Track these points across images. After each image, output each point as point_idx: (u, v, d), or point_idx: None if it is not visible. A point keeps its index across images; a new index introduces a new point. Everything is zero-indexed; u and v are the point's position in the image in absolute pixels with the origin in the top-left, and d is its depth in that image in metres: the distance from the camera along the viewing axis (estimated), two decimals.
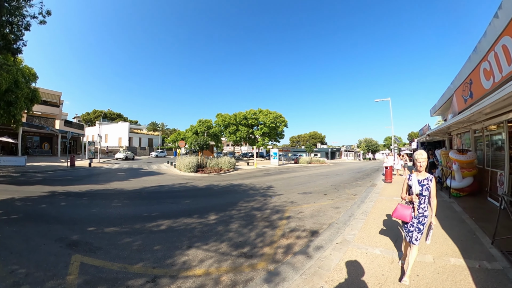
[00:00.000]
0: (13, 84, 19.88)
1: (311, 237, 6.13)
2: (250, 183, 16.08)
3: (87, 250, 5.41)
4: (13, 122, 22.07)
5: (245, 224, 7.18)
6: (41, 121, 37.13)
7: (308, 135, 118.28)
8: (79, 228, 6.99)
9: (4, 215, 8.25)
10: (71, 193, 12.30)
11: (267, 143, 51.96)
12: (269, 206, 9.44)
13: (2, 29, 9.82)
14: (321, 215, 8.19)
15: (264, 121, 49.88)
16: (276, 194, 12.04)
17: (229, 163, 27.05)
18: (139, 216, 8.22)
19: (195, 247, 5.56)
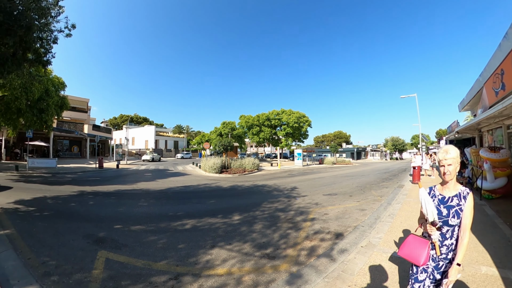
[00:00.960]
0: (44, 93, 21.92)
1: (336, 239, 5.97)
2: (274, 184, 15.97)
3: (113, 247, 5.62)
4: (45, 128, 23.74)
5: (268, 225, 7.12)
6: (70, 126, 40.25)
7: (333, 135, 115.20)
8: (106, 225, 7.27)
9: (37, 211, 8.89)
10: (99, 192, 12.81)
11: (291, 143, 51.07)
12: (293, 208, 9.29)
13: (34, 44, 10.47)
14: (346, 217, 7.97)
15: (287, 121, 49.03)
16: (301, 195, 11.84)
17: (253, 164, 27.04)
18: (165, 215, 8.39)
19: (219, 246, 5.57)
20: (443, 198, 2.45)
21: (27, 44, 9.83)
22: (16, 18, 8.62)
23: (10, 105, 20.61)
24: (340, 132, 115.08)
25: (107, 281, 4.18)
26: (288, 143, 50.36)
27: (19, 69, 11.14)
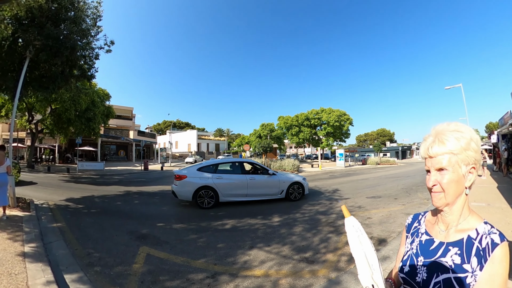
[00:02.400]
0: (91, 104, 25.35)
1: (378, 245, 5.67)
2: (315, 186, 15.58)
3: (154, 243, 5.87)
4: (92, 134, 26.71)
5: (309, 228, 6.94)
6: (117, 132, 44.34)
7: (376, 133, 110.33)
8: (149, 223, 7.61)
9: (85, 209, 9.63)
10: (144, 192, 13.39)
11: (332, 143, 49.56)
12: (335, 211, 8.94)
13: (78, 62, 11.67)
14: (391, 221, 7.51)
15: (327, 120, 47.68)
16: (343, 197, 11.48)
17: (293, 165, 26.53)
18: (206, 215, 8.57)
19: (257, 247, 5.53)
20: (428, 243, 1.21)
21: (72, 62, 11.00)
22: (62, 41, 9.68)
23: (61, 116, 23.47)
24: (383, 129, 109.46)
25: (146, 275, 4.36)
26: (329, 143, 48.90)
27: (68, 84, 12.44)
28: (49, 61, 10.51)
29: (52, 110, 25.25)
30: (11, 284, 3.82)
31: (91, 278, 4.29)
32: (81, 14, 10.69)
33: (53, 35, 9.51)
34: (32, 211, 8.38)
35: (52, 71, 10.98)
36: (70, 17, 10.29)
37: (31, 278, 4.02)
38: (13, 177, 8.67)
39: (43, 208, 9.38)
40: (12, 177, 8.30)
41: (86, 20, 11.10)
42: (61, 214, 8.56)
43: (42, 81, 11.42)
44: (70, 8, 10.38)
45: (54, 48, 9.76)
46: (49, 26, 9.51)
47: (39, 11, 9.49)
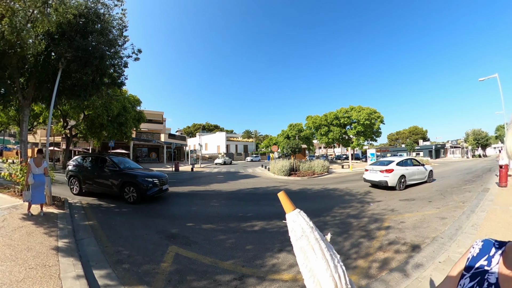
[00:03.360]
0: (122, 109, 26.87)
1: (411, 252, 5.38)
2: (346, 188, 15.12)
3: (183, 243, 5.93)
4: (124, 138, 27.97)
5: (339, 232, 6.70)
6: (148, 135, 46.45)
7: (408, 131, 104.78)
8: (179, 223, 7.76)
9: (117, 208, 9.93)
10: (175, 193, 13.65)
11: (363, 143, 47.43)
12: (367, 214, 8.61)
13: (108, 70, 12.27)
14: (425, 226, 7.13)
15: (357, 119, 45.62)
16: (375, 200, 10.97)
17: (322, 166, 25.86)
18: (235, 215, 8.59)
19: (286, 251, 5.38)
20: None
21: (102, 71, 11.63)
22: (91, 52, 10.24)
23: (94, 121, 25.28)
24: (416, 127, 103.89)
25: (173, 274, 4.40)
26: (360, 143, 46.90)
27: (99, 92, 13.17)
28: (80, 71, 11.12)
29: (85, 116, 26.68)
30: (45, 275, 4.13)
31: (119, 275, 4.40)
32: (107, 26, 11.24)
33: (82, 46, 10.08)
34: (66, 209, 8.88)
35: (83, 80, 11.67)
36: (97, 29, 10.86)
37: (63, 271, 4.29)
38: (49, 178, 9.20)
39: (76, 206, 9.84)
40: (48, 178, 8.87)
41: (113, 31, 11.63)
42: (93, 213, 8.91)
43: (74, 90, 12.10)
44: (97, 20, 10.95)
45: (84, 59, 10.32)
46: (78, 38, 10.13)
47: (68, 26, 10.11)
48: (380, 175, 14.13)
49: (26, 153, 11.47)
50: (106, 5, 11.19)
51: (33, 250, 5.10)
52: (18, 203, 9.20)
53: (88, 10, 10.70)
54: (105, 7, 11.23)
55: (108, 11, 11.38)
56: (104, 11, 11.26)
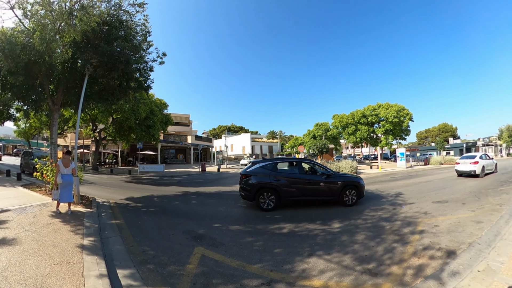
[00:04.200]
0: (150, 113, 27.99)
1: (447, 258, 5.06)
2: (376, 189, 14.56)
3: (210, 244, 5.85)
4: (152, 140, 28.95)
5: (372, 236, 6.41)
6: (175, 137, 47.80)
7: (437, 129, 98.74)
8: (206, 223, 7.71)
9: (144, 207, 10.07)
10: (202, 193, 13.67)
11: (391, 142, 45.47)
12: (399, 217, 8.23)
13: (134, 75, 12.59)
14: (459, 230, 6.69)
15: (385, 117, 43.72)
16: (407, 202, 10.45)
17: (351, 166, 24.68)
18: (263, 217, 8.43)
19: (317, 255, 5.20)
20: None
21: (128, 75, 11.89)
22: (116, 57, 10.50)
23: (122, 125, 26.35)
24: (445, 124, 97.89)
25: (199, 277, 4.29)
26: (388, 142, 44.95)
27: (126, 96, 13.58)
28: (107, 76, 11.41)
29: (114, 120, 27.78)
30: (68, 272, 4.20)
31: (143, 275, 4.37)
32: (131, 31, 11.51)
33: (108, 52, 10.36)
34: (94, 208, 9.09)
35: (110, 85, 12.01)
36: (121, 35, 11.18)
37: (86, 269, 4.34)
38: (78, 178, 9.48)
39: (104, 205, 10.06)
40: (77, 178, 9.14)
41: (136, 36, 11.91)
42: (120, 212, 9.06)
43: (102, 94, 12.52)
44: (120, 27, 11.27)
45: (110, 64, 10.61)
46: (103, 44, 10.43)
47: (93, 33, 10.44)
48: (470, 166, 18.38)
49: (56, 155, 11.86)
50: (128, 12, 11.47)
51: (59, 246, 5.20)
52: (48, 201, 9.58)
53: (110, 18, 11.03)
54: (127, 14, 11.52)
55: (131, 18, 11.67)
56: (127, 17, 11.56)
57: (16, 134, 43.41)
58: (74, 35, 10.13)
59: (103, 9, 10.84)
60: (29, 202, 9.44)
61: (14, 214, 7.55)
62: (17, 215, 7.46)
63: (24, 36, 9.98)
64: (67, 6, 9.97)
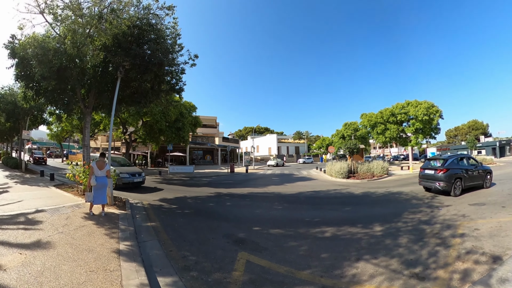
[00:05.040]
0: (179, 115, 28.72)
1: (493, 264, 4.86)
2: (411, 191, 14.23)
3: (253, 249, 5.65)
4: (182, 142, 30.68)
5: (414, 240, 6.34)
6: (203, 139, 49.33)
7: (467, 126, 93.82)
8: (245, 226, 7.58)
9: (178, 209, 10.03)
10: (235, 194, 13.66)
11: (421, 141, 43.19)
12: (438, 220, 8.10)
13: (166, 77, 12.58)
14: (503, 235, 6.38)
15: (415, 115, 41.56)
16: (443, 204, 10.24)
17: (382, 168, 24.49)
18: (301, 220, 8.31)
19: (364, 260, 5.12)
20: None
21: (160, 78, 11.87)
22: (148, 59, 10.57)
23: (153, 127, 27.50)
24: (475, 121, 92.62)
25: (248, 285, 4.12)
26: (418, 141, 42.57)
27: (158, 99, 13.65)
28: (139, 78, 11.47)
29: (144, 122, 28.66)
30: (106, 280, 3.98)
31: (187, 284, 4.15)
32: (162, 34, 11.50)
33: (140, 54, 10.40)
34: (128, 209, 9.00)
35: (142, 87, 12.09)
36: (152, 38, 11.16)
37: (125, 278, 4.11)
38: (111, 180, 9.51)
39: (137, 207, 9.98)
40: (110, 180, 9.12)
41: (167, 39, 11.86)
42: (155, 214, 8.96)
43: (134, 97, 12.61)
44: (150, 30, 11.28)
45: (143, 66, 10.65)
46: (134, 47, 10.42)
47: (123, 36, 10.48)
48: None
49: (89, 157, 11.98)
50: (157, 15, 11.47)
51: (94, 251, 5.01)
52: (80, 202, 9.58)
53: (140, 21, 11.07)
54: (156, 17, 11.51)
55: (160, 21, 11.66)
56: (156, 21, 11.56)
57: (49, 137, 46.10)
58: (105, 38, 10.21)
59: (132, 13, 10.92)
60: (62, 202, 9.52)
61: (47, 215, 7.59)
62: (50, 216, 7.50)
63: (56, 41, 10.06)
64: (96, 10, 10.12)
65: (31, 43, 9.82)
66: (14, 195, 10.74)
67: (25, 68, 10.65)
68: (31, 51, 9.79)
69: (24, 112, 22.75)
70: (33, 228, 6.31)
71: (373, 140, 50.43)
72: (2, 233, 5.88)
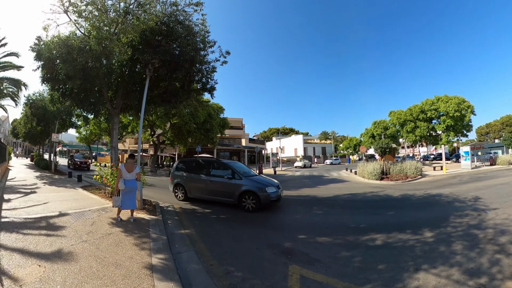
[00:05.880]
0: (208, 116, 29.20)
1: None
2: (450, 193, 13.43)
3: (305, 262, 5.14)
4: (211, 143, 31.80)
5: (469, 246, 5.91)
6: (229, 140, 50.43)
7: (499, 122, 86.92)
8: (288, 234, 7.08)
9: (213, 214, 9.48)
10: None
11: (452, 139, 41.06)
12: (489, 224, 7.63)
13: (197, 75, 12.20)
14: None
15: (445, 111, 39.41)
16: (489, 207, 9.67)
17: (416, 168, 23.54)
18: (347, 226, 7.90)
19: (423, 270, 4.73)
20: None
21: (191, 77, 11.54)
22: (180, 55, 10.21)
23: (181, 129, 27.46)
24: (509, 117, 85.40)
25: None
26: (449, 139, 40.85)
27: (189, 98, 13.17)
28: (169, 77, 11.16)
29: (172, 124, 29.30)
30: None
31: None
32: (191, 31, 11.06)
33: (169, 50, 10.06)
34: (158, 215, 8.42)
35: (172, 86, 11.74)
36: (181, 35, 10.70)
37: None
38: (141, 183, 8.93)
39: (168, 211, 9.46)
40: (140, 183, 8.50)
41: (196, 36, 11.35)
42: (188, 219, 8.44)
43: (163, 97, 12.21)
44: (179, 28, 10.85)
45: (174, 63, 10.26)
46: (164, 43, 10.04)
47: (151, 33, 10.16)
48: None
49: (117, 158, 11.71)
50: (185, 11, 11.10)
51: (123, 266, 4.47)
52: (107, 205, 9.22)
53: (168, 18, 10.72)
54: (184, 14, 11.14)
55: (188, 18, 11.25)
56: (184, 18, 11.15)
57: (78, 140, 47.64)
58: (132, 35, 9.88)
59: (159, 9, 10.57)
60: (87, 205, 9.19)
61: (72, 220, 7.24)
62: (74, 221, 7.12)
63: (80, 40, 9.73)
64: (122, 5, 9.77)
65: (56, 43, 9.62)
66: (41, 196, 10.70)
67: (50, 70, 10.39)
68: (56, 51, 9.58)
69: (53, 116, 24.44)
70: (55, 235, 5.97)
71: (403, 139, 48.86)
72: (24, 239, 5.58)
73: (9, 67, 16.09)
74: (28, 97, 24.88)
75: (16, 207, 8.60)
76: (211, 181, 10.87)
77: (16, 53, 15.38)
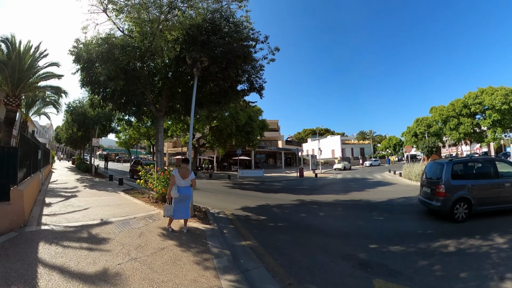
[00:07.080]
0: (248, 119, 29.82)
1: None
2: None
3: (386, 274, 4.71)
4: (252, 145, 32.16)
5: None
6: (266, 142, 50.53)
7: None
8: (358, 243, 6.56)
9: (270, 221, 8.77)
10: (321, 203, 12.48)
11: (500, 135, 37.33)
12: None
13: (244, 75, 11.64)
14: None
15: (491, 104, 36.08)
16: None
17: None
18: (414, 233, 7.41)
19: (508, 278, 4.33)
20: None
21: (239, 76, 10.98)
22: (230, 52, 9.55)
23: (222, 132, 28.91)
24: None
25: None
26: (496, 136, 37.52)
27: (239, 98, 12.69)
28: (221, 74, 10.53)
29: (211, 127, 29.51)
30: None
31: None
32: (239, 28, 10.61)
33: (220, 45, 9.47)
34: (212, 223, 7.74)
35: (220, 86, 11.16)
36: (228, 32, 10.31)
37: None
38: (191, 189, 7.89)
39: (221, 218, 8.84)
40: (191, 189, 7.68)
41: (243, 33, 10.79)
42: (245, 228, 7.78)
43: (211, 98, 11.68)
44: (225, 25, 10.45)
45: (225, 60, 9.69)
46: (213, 39, 9.52)
47: (198, 30, 9.64)
48: None
49: (163, 162, 11.24)
50: (229, 8, 10.61)
51: None
52: (153, 212, 8.56)
53: (212, 15, 10.27)
54: (228, 11, 10.64)
55: (232, 15, 10.74)
56: (228, 15, 10.66)
57: (118, 144, 49.80)
58: (178, 31, 9.34)
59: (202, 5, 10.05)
60: (132, 212, 8.50)
61: (116, 229, 6.49)
62: (119, 231, 6.35)
63: (121, 39, 9.32)
64: (165, 1, 9.27)
65: (95, 43, 9.27)
66: (81, 201, 10.20)
67: (90, 72, 9.89)
68: (95, 51, 9.07)
69: (93, 122, 25.77)
70: (99, 249, 5.14)
71: (446, 137, 46.09)
72: (63, 253, 4.80)
73: (51, 76, 16.85)
74: (68, 104, 26.53)
75: (56, 212, 8.11)
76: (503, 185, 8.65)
77: (57, 63, 16.07)
